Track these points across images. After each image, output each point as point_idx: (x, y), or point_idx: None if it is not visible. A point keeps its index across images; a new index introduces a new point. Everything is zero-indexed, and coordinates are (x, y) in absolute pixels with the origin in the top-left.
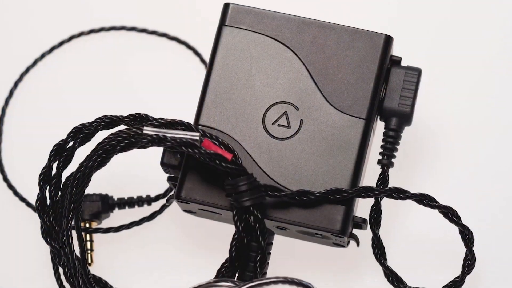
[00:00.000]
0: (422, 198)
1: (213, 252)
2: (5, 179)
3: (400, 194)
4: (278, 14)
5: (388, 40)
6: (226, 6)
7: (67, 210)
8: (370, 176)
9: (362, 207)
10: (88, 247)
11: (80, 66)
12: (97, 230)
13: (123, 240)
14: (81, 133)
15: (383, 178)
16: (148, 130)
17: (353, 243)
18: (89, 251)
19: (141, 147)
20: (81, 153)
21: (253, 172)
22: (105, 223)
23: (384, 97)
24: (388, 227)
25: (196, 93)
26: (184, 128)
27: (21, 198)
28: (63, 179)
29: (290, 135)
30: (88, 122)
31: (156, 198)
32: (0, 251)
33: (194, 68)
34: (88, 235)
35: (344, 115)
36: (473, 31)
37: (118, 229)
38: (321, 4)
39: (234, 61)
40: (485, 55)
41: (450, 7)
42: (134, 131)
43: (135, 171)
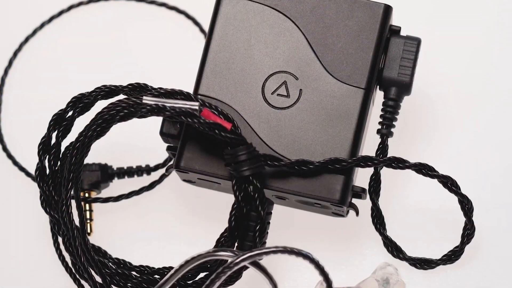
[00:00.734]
0: (421, 168)
1: (212, 222)
2: (4, 149)
3: (400, 164)
4: None
5: (388, 10)
6: None
7: (66, 180)
8: (370, 146)
9: (362, 177)
10: (88, 217)
11: (80, 36)
12: (96, 200)
13: (122, 210)
14: (81, 103)
15: (383, 148)
16: (148, 100)
17: (352, 213)
18: (89, 221)
19: (141, 117)
20: (81, 123)
21: (252, 142)
22: (104, 193)
23: (384, 67)
24: (388, 197)
25: (196, 63)
26: (184, 98)
27: (21, 168)
28: (63, 149)
29: (290, 105)
30: (88, 92)
31: (156, 168)
32: (0, 221)
33: (194, 38)
34: (88, 205)
35: (344, 85)
36: (472, 0)
37: (117, 199)
38: None
39: (234, 31)
40: (484, 24)
41: None
42: (134, 101)
43: (135, 141)
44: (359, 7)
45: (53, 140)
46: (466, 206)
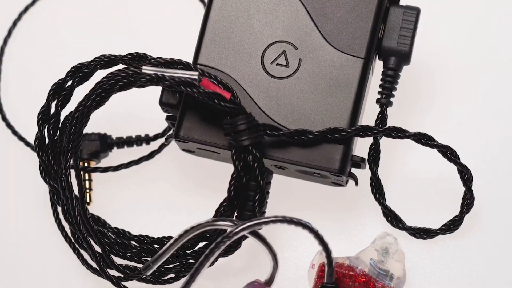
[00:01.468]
0: (421, 137)
1: (212, 192)
2: (4, 118)
3: (399, 133)
4: None
5: None
6: None
7: (66, 149)
8: (369, 116)
9: (361, 147)
10: (87, 186)
11: (79, 6)
12: (96, 169)
13: (122, 179)
14: (80, 72)
15: (382, 117)
16: (147, 69)
17: (352, 183)
18: (88, 190)
19: (140, 86)
20: (80, 92)
21: (252, 111)
22: (104, 162)
23: (383, 36)
24: (387, 167)
25: (195, 33)
26: (183, 67)
27: (20, 137)
28: (62, 118)
29: (289, 74)
30: (87, 61)
31: (155, 137)
32: None
33: (193, 8)
34: (87, 174)
35: (343, 54)
36: None
37: (117, 168)
38: None
39: (233, 0)
40: None
41: None
42: (133, 70)
43: (134, 111)
44: None
45: (53, 110)
46: (466, 176)
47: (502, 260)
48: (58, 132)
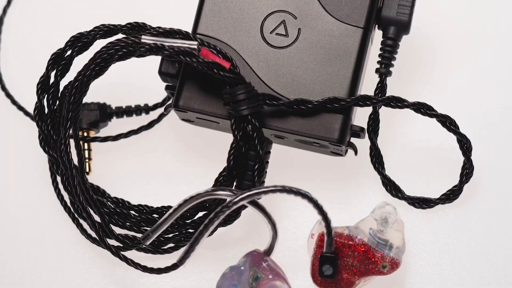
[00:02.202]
0: (420, 107)
1: (211, 161)
2: (3, 88)
3: (398, 103)
4: None
5: None
6: None
7: (65, 119)
8: (368, 86)
9: (360, 117)
10: (86, 156)
11: None
12: (95, 139)
13: (121, 149)
14: (79, 42)
15: (381, 87)
16: (146, 39)
17: (351, 152)
18: (87, 160)
19: (139, 56)
20: (79, 62)
21: (251, 81)
22: (103, 132)
23: (382, 6)
24: (386, 137)
25: (194, 2)
26: (182, 37)
27: (19, 107)
28: (61, 88)
29: (288, 44)
30: (86, 31)
31: (154, 107)
32: None
33: None
34: (86, 144)
35: (342, 24)
36: None
37: (116, 138)
38: None
39: None
40: None
41: None
42: (132, 40)
43: (133, 80)
44: None
45: (52, 80)
46: (465, 145)
47: (501, 229)
48: (58, 102)
